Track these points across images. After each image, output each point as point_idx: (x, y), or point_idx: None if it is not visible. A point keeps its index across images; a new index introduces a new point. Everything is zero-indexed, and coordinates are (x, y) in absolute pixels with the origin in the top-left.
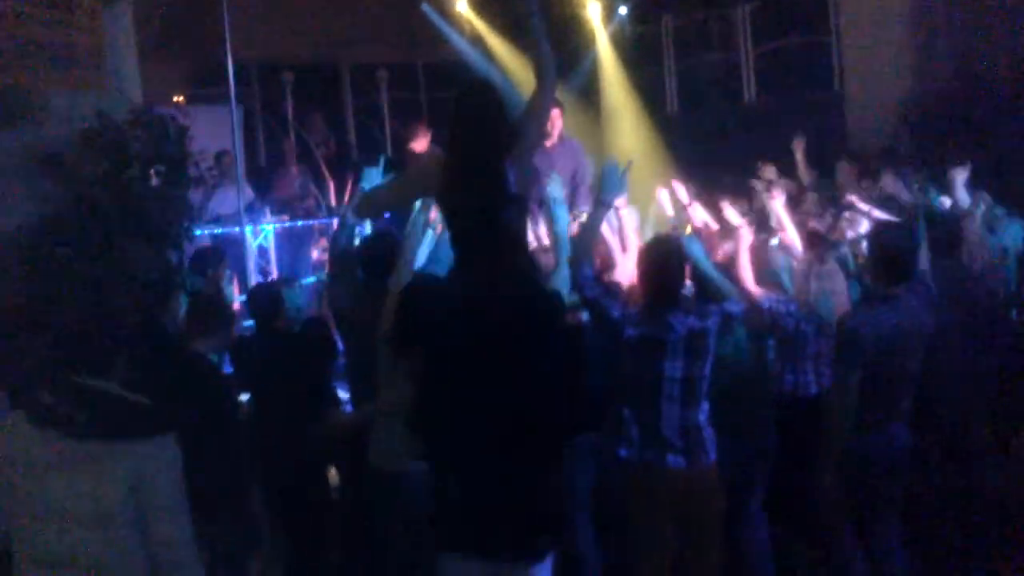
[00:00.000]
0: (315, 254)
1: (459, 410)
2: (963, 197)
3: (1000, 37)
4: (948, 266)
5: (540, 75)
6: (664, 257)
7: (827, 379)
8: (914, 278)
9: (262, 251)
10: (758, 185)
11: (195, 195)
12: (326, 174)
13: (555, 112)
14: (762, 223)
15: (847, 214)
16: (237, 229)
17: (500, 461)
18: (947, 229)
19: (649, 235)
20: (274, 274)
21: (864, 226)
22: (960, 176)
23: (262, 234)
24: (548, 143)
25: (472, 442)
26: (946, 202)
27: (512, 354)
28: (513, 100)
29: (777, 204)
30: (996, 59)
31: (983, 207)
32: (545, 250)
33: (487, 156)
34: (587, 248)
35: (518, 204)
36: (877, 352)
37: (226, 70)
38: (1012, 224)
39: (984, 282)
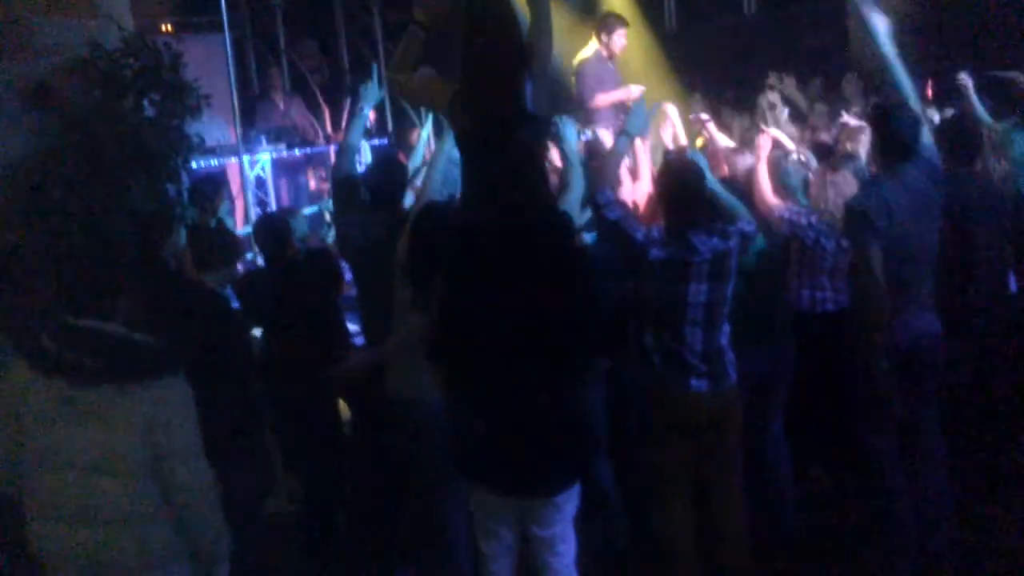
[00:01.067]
0: (312, 183)
1: (478, 337)
2: (976, 103)
3: None
4: (967, 175)
5: None
6: (684, 176)
7: (845, 296)
8: (919, 155)
9: (259, 182)
10: (763, 102)
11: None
12: (321, 102)
13: (622, 30)
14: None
15: (847, 128)
16: (233, 160)
17: (522, 389)
18: (965, 137)
19: (657, 157)
20: (272, 205)
21: (864, 142)
22: (968, 81)
23: (259, 164)
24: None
25: (493, 370)
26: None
27: (527, 278)
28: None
29: (773, 127)
30: None
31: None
32: (555, 170)
33: (502, 72)
34: (611, 173)
35: (535, 123)
36: (889, 226)
37: None
38: (1020, 134)
39: (1005, 192)
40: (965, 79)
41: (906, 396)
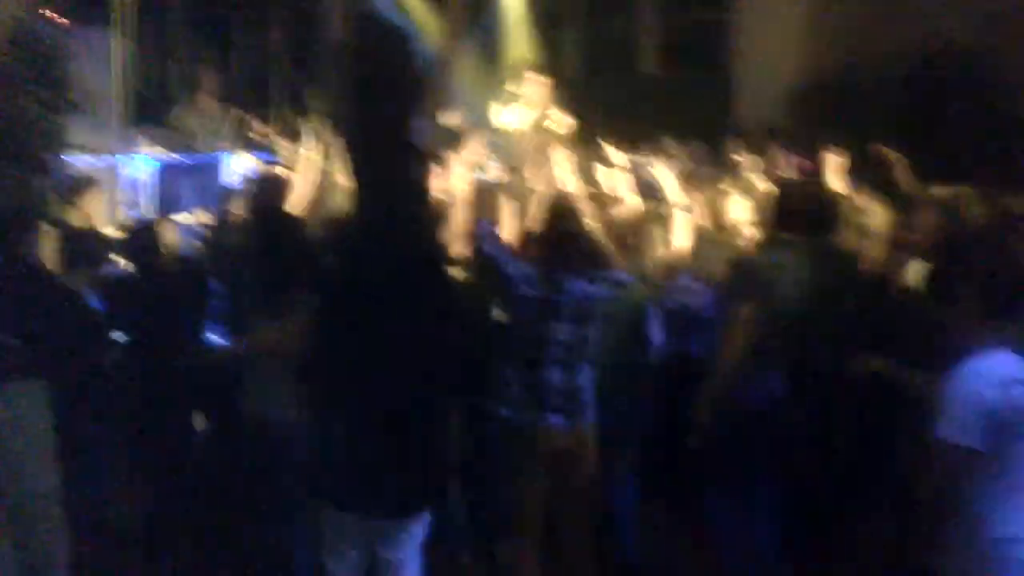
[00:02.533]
0: (192, 190)
1: (345, 358)
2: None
3: (886, 31)
4: (820, 245)
5: (452, 30)
6: (564, 219)
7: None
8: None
9: (138, 184)
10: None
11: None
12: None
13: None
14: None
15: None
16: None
17: (384, 412)
18: (821, 206)
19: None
20: (150, 209)
21: None
22: (833, 161)
23: (138, 166)
24: None
25: (357, 391)
26: None
27: (399, 305)
28: (419, 48)
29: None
30: (881, 51)
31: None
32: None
33: (393, 107)
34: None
35: (425, 159)
36: (767, 288)
37: None
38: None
39: (857, 264)
40: (828, 157)
41: (750, 454)
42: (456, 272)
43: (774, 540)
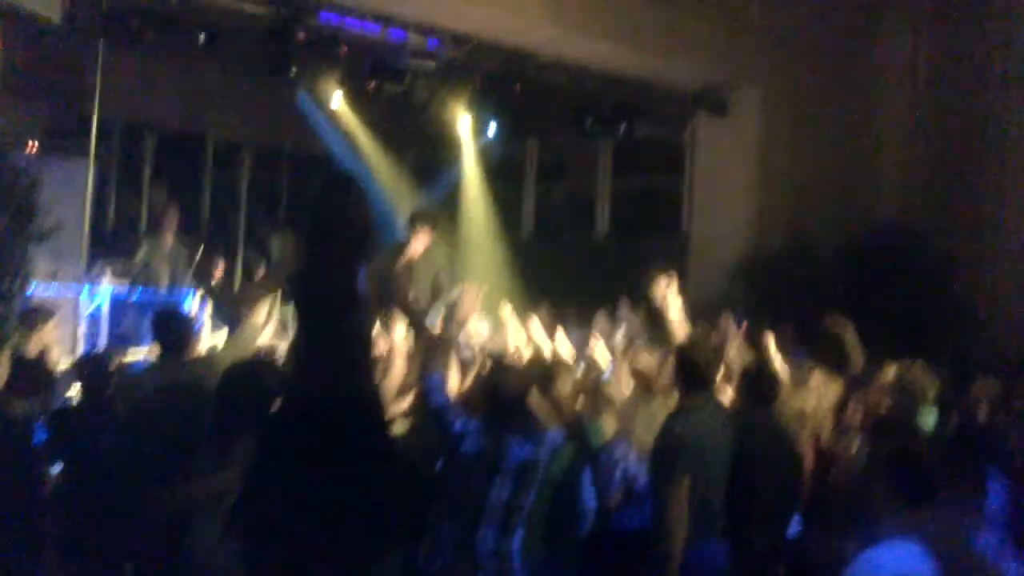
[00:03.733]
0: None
1: (278, 509)
2: (776, 358)
3: (829, 206)
4: (762, 416)
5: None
6: (513, 380)
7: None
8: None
9: (95, 317)
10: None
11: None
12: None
13: (425, 231)
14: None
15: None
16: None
17: (317, 565)
18: (765, 378)
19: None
20: (104, 342)
21: None
22: (771, 338)
23: (97, 299)
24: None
25: (289, 542)
26: None
27: (335, 457)
28: (379, 202)
29: (598, 349)
30: (822, 227)
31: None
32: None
33: (343, 256)
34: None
35: (366, 308)
36: (698, 456)
37: (89, 125)
38: None
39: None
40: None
41: None
42: (396, 424)
43: None
